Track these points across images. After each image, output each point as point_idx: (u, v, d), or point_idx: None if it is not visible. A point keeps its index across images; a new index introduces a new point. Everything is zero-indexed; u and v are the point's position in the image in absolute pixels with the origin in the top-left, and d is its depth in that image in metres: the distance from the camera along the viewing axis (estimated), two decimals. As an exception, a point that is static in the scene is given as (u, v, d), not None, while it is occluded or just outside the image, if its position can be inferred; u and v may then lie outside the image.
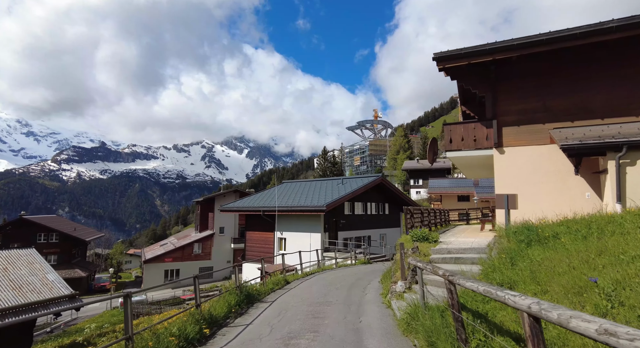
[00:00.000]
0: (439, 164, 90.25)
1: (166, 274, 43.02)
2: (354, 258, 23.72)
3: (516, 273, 5.20)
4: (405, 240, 11.65)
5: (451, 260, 8.44)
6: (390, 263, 23.67)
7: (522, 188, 10.93)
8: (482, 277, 6.00)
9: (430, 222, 14.70)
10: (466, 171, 16.36)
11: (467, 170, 16.08)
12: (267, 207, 29.06)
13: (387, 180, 34.10)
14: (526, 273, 4.98)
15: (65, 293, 16.56)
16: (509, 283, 5.00)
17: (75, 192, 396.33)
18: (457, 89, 17.23)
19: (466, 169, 15.47)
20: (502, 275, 5.42)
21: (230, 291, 9.27)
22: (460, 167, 14.44)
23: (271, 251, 29.93)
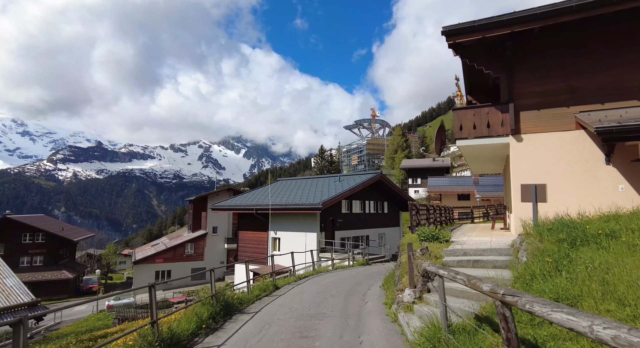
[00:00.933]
0: (438, 163, 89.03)
1: (157, 275, 41.49)
2: (351, 260, 22.32)
3: (574, 284, 3.80)
4: (411, 239, 10.25)
5: (468, 263, 7.04)
6: (390, 264, 22.27)
7: (543, 180, 9.53)
8: (519, 287, 4.60)
9: (436, 219, 13.31)
10: (475, 164, 14.97)
11: (476, 163, 14.70)
12: (260, 205, 27.61)
13: (386, 177, 32.71)
14: (593, 285, 3.58)
15: (25, 300, 15.00)
16: (567, 298, 3.61)
17: (72, 192, 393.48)
18: (463, 76, 15.87)
19: (475, 161, 14.08)
20: (551, 285, 4.02)
21: (203, 301, 7.81)
22: (470, 158, 13.05)
23: (265, 252, 28.47)
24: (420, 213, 10.43)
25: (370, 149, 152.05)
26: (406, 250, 9.09)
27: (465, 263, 7.07)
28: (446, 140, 12.24)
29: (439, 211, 14.15)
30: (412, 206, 10.21)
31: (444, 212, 15.19)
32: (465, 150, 11.54)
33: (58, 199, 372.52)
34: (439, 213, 13.82)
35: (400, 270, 8.06)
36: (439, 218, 13.67)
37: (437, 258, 7.47)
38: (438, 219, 13.70)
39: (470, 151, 11.72)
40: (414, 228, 10.02)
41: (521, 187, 9.11)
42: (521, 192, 9.09)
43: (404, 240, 10.53)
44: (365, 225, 31.15)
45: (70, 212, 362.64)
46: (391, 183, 32.95)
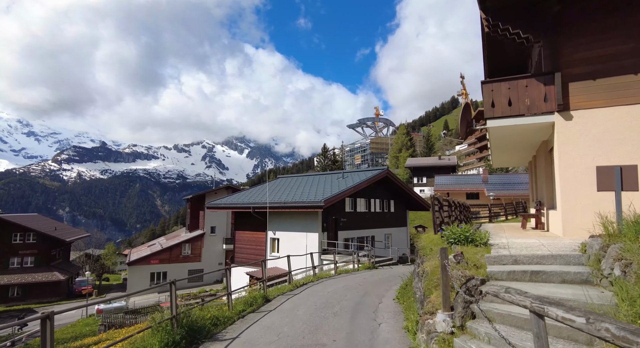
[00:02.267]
0: (444, 161, 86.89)
1: (152, 277, 39.68)
2: (356, 262, 20.32)
3: None
4: (433, 241, 8.25)
5: (524, 275, 5.04)
6: (400, 268, 20.24)
7: (605, 165, 7.50)
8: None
9: (457, 217, 11.29)
10: (500, 154, 12.93)
11: (501, 152, 12.66)
12: (257, 203, 25.67)
13: (393, 173, 30.67)
14: None
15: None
16: None
17: (76, 192, 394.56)
18: (483, 55, 13.88)
19: (502, 150, 12.04)
20: None
21: (155, 327, 5.82)
22: (498, 145, 11.00)
23: (263, 253, 26.53)
24: (444, 210, 8.44)
25: (374, 148, 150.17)
26: (429, 255, 7.09)
27: (519, 275, 5.06)
28: (473, 121, 10.24)
29: (459, 208, 12.13)
30: (435, 201, 8.22)
31: (463, 209, 13.16)
32: (496, 133, 9.50)
33: (62, 199, 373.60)
34: (459, 210, 11.80)
35: (425, 282, 6.06)
36: (459, 216, 11.64)
37: (477, 268, 5.47)
38: (458, 217, 11.67)
39: (501, 134, 9.69)
40: (438, 228, 8.01)
41: (598, 170, 7.05)
42: (598, 178, 7.03)
43: (424, 243, 8.53)
44: (370, 225, 29.14)
45: (75, 212, 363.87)
46: (398, 180, 30.91)
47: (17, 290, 37.67)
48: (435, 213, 8.13)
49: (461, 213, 12.16)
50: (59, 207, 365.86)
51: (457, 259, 5.55)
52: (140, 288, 38.00)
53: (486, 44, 12.98)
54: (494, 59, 13.82)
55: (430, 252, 7.28)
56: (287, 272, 24.24)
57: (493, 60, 13.84)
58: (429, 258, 7.06)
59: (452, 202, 10.60)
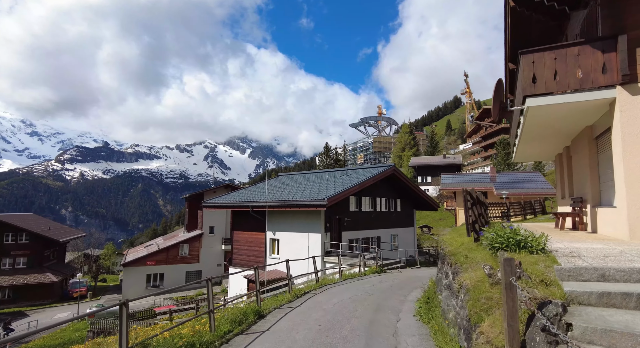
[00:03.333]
0: (449, 160, 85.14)
1: (149, 279, 38.19)
2: (363, 265, 18.74)
3: None
4: (463, 244, 6.66)
5: (627, 300, 3.46)
6: (409, 271, 18.59)
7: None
8: None
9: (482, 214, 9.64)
10: (529, 144, 11.30)
11: (532, 142, 11.03)
12: (256, 202, 24.11)
13: (400, 170, 29.05)
14: None
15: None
16: None
17: (79, 192, 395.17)
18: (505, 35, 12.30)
19: (535, 138, 10.40)
20: None
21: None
22: (532, 131, 9.34)
23: (262, 255, 24.99)
24: (476, 207, 6.82)
25: (377, 147, 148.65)
26: (465, 263, 5.49)
27: (618, 300, 3.47)
28: (507, 101, 8.61)
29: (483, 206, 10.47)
30: (467, 195, 6.63)
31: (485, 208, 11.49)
32: (536, 115, 7.86)
33: (65, 199, 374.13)
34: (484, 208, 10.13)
35: (468, 303, 4.46)
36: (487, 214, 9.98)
37: (546, 286, 3.88)
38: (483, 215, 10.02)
39: (541, 117, 8.05)
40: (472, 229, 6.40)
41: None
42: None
43: (452, 247, 6.95)
44: (376, 225, 27.55)
45: (77, 211, 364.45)
46: (405, 178, 29.30)
47: (8, 293, 36.29)
48: (467, 211, 6.54)
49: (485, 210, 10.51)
50: (61, 207, 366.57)
51: (518, 273, 3.94)
52: (135, 290, 36.55)
53: (509, 22, 11.41)
54: (521, 37, 12.21)
55: (466, 260, 5.67)
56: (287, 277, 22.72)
57: (516, 39, 12.23)
58: (465, 268, 5.46)
59: (477, 198, 8.98)
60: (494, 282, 4.46)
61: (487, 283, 4.59)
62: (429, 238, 61.05)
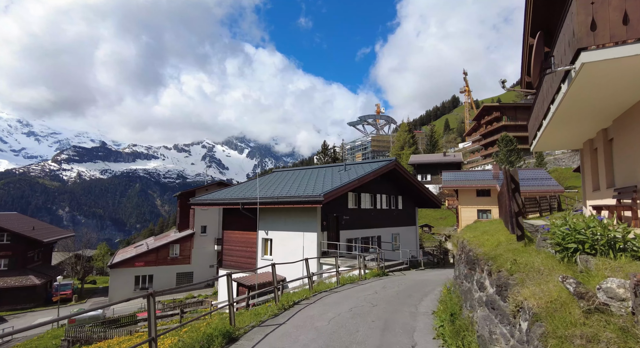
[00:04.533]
0: (450, 158, 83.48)
1: (137, 281, 36.30)
2: (363, 268, 16.95)
3: None
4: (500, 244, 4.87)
5: None
6: (414, 274, 16.75)
7: None
8: None
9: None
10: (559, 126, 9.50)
11: (565, 123, 9.23)
12: (247, 199, 22.27)
13: (402, 165, 27.25)
14: None
15: None
16: None
17: (76, 192, 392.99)
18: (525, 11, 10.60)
19: (571, 117, 8.60)
20: None
21: None
22: (579, 100, 7.47)
23: (253, 256, 23.16)
24: (519, 195, 4.99)
25: (375, 146, 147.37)
26: (519, 272, 3.67)
27: None
28: (552, 58, 6.82)
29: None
30: (509, 177, 4.82)
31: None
32: (593, 75, 6.03)
33: (62, 199, 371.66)
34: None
35: (549, 343, 2.60)
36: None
37: None
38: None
39: (601, 77, 6.21)
40: (517, 224, 4.59)
41: None
42: None
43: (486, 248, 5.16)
44: (376, 223, 25.76)
45: (75, 212, 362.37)
46: (407, 174, 27.50)
47: (-12, 296, 34.33)
48: (510, 200, 4.73)
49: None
50: (58, 207, 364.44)
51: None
52: (123, 293, 34.68)
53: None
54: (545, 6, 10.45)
55: (517, 267, 3.88)
56: (281, 278, 20.88)
57: (542, 6, 10.48)
58: (520, 279, 3.66)
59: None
60: (592, 308, 2.65)
61: (574, 308, 2.78)
62: (430, 238, 59.33)
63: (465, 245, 6.52)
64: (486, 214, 48.24)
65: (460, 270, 6.86)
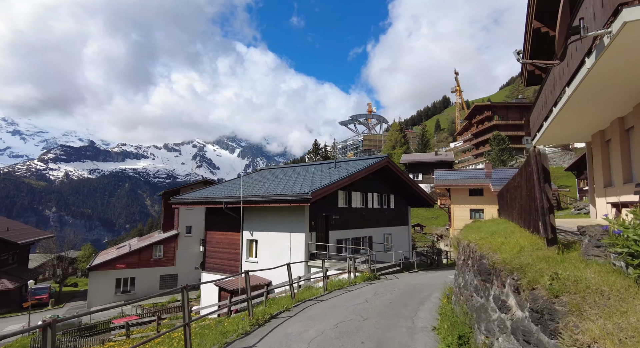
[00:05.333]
0: (441, 157, 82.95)
1: (118, 284, 34.70)
2: (353, 270, 15.79)
3: None
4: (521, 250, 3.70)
5: None
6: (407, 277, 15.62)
7: None
8: None
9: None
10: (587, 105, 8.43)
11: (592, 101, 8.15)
12: (231, 197, 20.96)
13: (394, 163, 26.17)
14: None
15: None
16: None
17: (63, 192, 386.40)
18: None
19: (601, 92, 7.52)
20: None
21: None
22: (611, 71, 6.39)
23: (237, 258, 21.86)
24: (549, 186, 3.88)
25: (367, 145, 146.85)
26: (577, 296, 2.41)
27: None
28: (581, 24, 5.78)
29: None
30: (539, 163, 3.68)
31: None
32: (637, 36, 4.90)
33: (49, 199, 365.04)
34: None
35: None
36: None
37: None
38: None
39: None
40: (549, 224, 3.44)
41: None
42: None
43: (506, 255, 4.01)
44: (367, 223, 24.65)
45: (62, 212, 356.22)
46: (399, 171, 26.44)
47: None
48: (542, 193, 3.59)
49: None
50: (45, 207, 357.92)
51: None
52: (102, 296, 33.10)
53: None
54: None
55: (564, 286, 2.74)
56: (266, 282, 19.62)
57: None
58: (576, 307, 2.46)
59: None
60: None
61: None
62: (422, 238, 58.51)
63: (473, 249, 5.36)
64: (479, 213, 47.48)
65: (467, 279, 5.70)
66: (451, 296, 9.02)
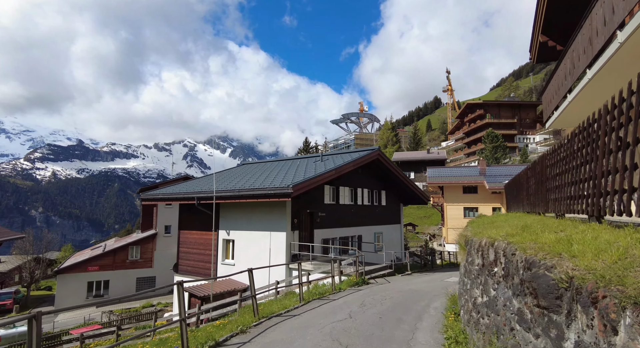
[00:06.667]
0: (434, 155, 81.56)
1: (90, 287, 32.23)
2: (338, 274, 13.79)
3: None
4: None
5: None
6: (400, 282, 13.66)
7: None
8: None
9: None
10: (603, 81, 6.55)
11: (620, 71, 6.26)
12: (204, 192, 18.81)
13: (386, 156, 24.23)
14: None
15: None
16: None
17: (50, 192, 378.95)
18: None
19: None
20: None
21: None
22: None
23: (213, 260, 19.69)
24: None
25: (359, 144, 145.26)
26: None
27: None
28: None
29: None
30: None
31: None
32: None
33: (35, 199, 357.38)
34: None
35: None
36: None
37: None
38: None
39: None
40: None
41: None
42: None
43: (607, 268, 1.90)
44: (356, 221, 22.68)
45: (49, 212, 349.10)
46: (392, 165, 24.51)
47: None
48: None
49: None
50: (31, 208, 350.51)
51: None
52: (72, 301, 30.63)
53: None
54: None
55: None
56: (243, 287, 17.51)
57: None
58: None
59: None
60: None
61: None
62: (414, 237, 56.78)
63: (507, 251, 3.38)
64: (473, 212, 45.82)
65: (496, 297, 3.71)
66: (457, 309, 7.06)
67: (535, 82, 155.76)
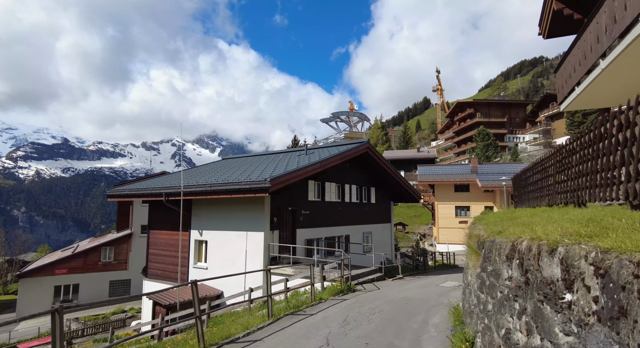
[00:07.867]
0: (424, 154, 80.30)
1: (57, 292, 29.87)
2: (320, 280, 12.00)
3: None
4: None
5: None
6: (389, 288, 11.88)
7: None
8: None
9: None
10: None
11: None
12: (173, 188, 16.85)
13: (376, 150, 22.50)
14: None
15: None
16: None
17: (34, 191, 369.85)
18: None
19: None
20: None
21: None
22: None
23: (184, 263, 17.74)
24: None
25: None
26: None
27: None
28: None
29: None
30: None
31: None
32: None
33: (18, 199, 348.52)
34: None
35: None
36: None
37: None
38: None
39: None
40: None
41: None
42: None
43: None
44: (344, 220, 20.93)
45: (32, 212, 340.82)
46: (382, 160, 22.81)
47: None
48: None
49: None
50: (13, 207, 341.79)
51: None
52: (36, 307, 28.18)
53: None
54: None
55: None
56: (217, 293, 15.64)
57: None
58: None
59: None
60: None
61: None
62: (404, 237, 55.23)
63: (599, 265, 1.52)
64: (465, 211, 44.47)
65: (575, 342, 1.91)
66: (469, 335, 5.32)
67: (523, 83, 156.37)
